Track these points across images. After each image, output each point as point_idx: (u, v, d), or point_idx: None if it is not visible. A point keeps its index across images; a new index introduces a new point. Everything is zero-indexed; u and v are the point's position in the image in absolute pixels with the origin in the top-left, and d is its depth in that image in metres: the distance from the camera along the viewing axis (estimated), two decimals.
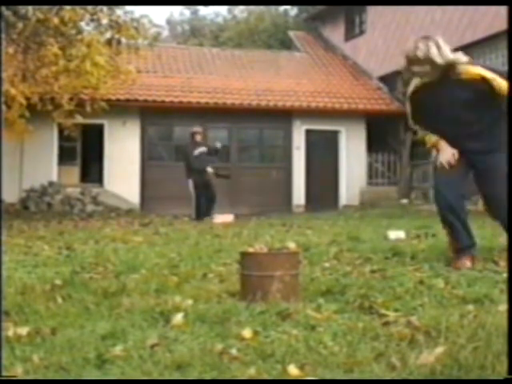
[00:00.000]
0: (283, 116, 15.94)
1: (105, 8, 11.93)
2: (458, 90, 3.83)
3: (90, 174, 15.70)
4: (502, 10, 10.51)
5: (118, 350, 2.21)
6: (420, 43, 3.76)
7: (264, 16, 28.72)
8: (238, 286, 3.19)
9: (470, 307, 2.72)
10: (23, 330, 2.46)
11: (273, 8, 29.08)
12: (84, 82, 11.66)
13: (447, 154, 3.97)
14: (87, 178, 15.57)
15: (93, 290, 3.35)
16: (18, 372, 2.00)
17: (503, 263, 3.84)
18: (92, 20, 12.15)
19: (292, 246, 3.50)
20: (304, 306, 2.86)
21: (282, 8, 29.01)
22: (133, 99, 14.67)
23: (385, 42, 16.95)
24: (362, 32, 18.54)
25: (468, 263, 3.89)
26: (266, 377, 1.92)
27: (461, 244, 4.00)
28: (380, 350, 2.14)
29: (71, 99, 11.89)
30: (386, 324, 2.50)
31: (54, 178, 14.65)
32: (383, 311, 2.76)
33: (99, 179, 15.12)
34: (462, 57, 3.84)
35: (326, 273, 3.83)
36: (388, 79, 17.04)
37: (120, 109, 14.43)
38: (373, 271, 3.91)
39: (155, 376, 1.96)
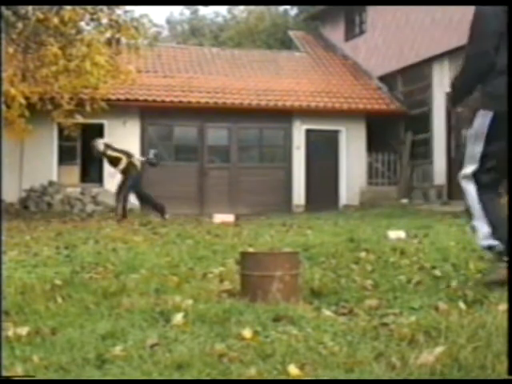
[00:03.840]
0: (283, 116, 15.92)
1: (105, 8, 11.93)
2: None
3: (89, 174, 15.67)
4: None
5: (117, 349, 2.21)
6: None
7: (264, 16, 28.69)
8: (238, 286, 3.18)
9: (470, 307, 2.72)
10: (23, 330, 2.46)
11: (273, 8, 29.05)
12: (84, 82, 11.64)
13: None
14: (87, 178, 15.54)
15: (93, 290, 3.35)
16: (18, 372, 2.00)
17: None
18: (92, 20, 12.15)
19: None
20: (304, 306, 2.86)
21: (281, 8, 29.00)
22: (133, 99, 14.64)
23: (385, 41, 16.93)
24: (362, 32, 18.51)
25: None
26: (266, 377, 1.92)
27: None
28: (380, 349, 2.14)
29: (71, 99, 11.87)
30: (386, 324, 2.49)
31: (54, 177, 14.63)
32: (383, 311, 2.76)
33: (99, 179, 15.08)
34: None
35: (326, 273, 3.83)
36: (388, 79, 17.02)
37: (120, 109, 14.42)
38: (373, 271, 3.91)
39: (155, 376, 1.96)
